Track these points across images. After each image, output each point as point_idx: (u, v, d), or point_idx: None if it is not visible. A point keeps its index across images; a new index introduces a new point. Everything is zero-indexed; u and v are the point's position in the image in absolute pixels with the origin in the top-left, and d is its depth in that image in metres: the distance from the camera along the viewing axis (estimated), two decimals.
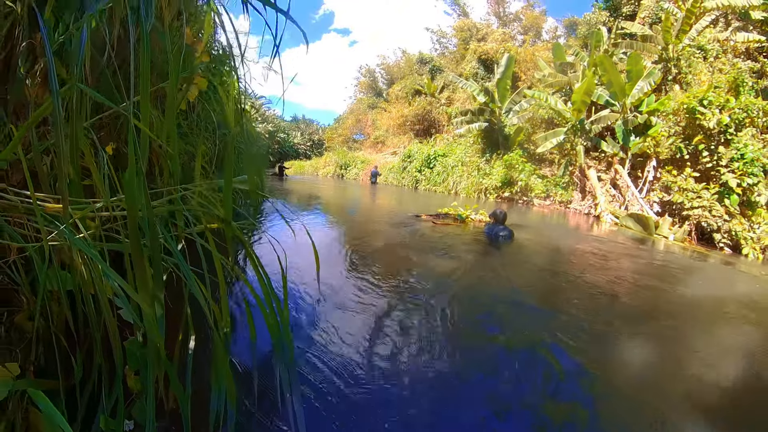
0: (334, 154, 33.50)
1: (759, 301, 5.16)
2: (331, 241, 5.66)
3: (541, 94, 15.66)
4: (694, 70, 12.95)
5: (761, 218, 8.98)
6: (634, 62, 12.92)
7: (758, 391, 2.91)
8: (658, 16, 15.77)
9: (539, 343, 3.17)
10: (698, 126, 10.21)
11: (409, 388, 2.42)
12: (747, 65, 11.62)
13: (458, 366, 2.78)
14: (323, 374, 2.39)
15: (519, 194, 15.82)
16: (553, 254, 6.51)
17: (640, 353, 3.36)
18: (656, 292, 4.98)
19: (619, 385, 2.78)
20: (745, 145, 9.49)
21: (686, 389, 2.79)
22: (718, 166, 9.69)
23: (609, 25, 18.80)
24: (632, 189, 11.68)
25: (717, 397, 2.74)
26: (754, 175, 9.18)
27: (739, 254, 8.68)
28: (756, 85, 11.02)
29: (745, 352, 3.55)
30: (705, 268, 7.17)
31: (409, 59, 32.65)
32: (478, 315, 3.67)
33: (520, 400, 2.48)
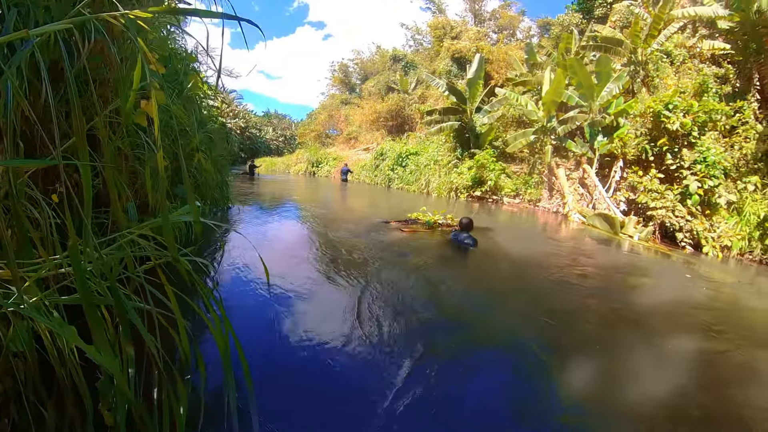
0: (306, 151, 32.91)
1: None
2: (291, 257, 5.24)
3: (512, 94, 15.68)
4: (661, 74, 13.17)
5: (721, 218, 9.19)
6: (604, 65, 13.06)
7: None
8: (628, 20, 16.00)
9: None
10: (663, 129, 10.35)
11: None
12: (712, 71, 11.87)
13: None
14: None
15: (489, 193, 15.78)
16: (513, 264, 6.34)
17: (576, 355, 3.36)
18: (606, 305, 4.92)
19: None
20: (707, 148, 9.67)
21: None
22: (681, 168, 9.85)
23: (581, 27, 19.04)
24: (600, 188, 11.76)
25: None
26: (716, 178, 9.37)
27: (700, 252, 8.86)
28: (720, 90, 11.26)
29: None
30: (663, 272, 7.21)
31: (384, 55, 32.42)
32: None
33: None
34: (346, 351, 2.93)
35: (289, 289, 3.92)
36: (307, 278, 4.39)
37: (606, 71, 13.03)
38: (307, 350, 2.89)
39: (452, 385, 2.69)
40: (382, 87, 29.89)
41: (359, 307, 3.65)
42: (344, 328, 3.26)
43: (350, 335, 3.15)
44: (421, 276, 4.86)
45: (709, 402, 2.92)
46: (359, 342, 3.06)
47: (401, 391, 2.50)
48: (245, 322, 3.25)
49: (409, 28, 33.91)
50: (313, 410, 2.34)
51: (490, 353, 3.25)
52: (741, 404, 2.95)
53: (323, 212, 10.12)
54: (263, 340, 3.02)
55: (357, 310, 3.57)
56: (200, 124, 6.30)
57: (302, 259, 5.17)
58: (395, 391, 2.50)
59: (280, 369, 2.70)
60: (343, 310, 3.57)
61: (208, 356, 2.41)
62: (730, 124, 10.26)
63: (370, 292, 4.03)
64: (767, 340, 4.25)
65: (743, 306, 5.46)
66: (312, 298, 3.82)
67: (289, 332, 3.13)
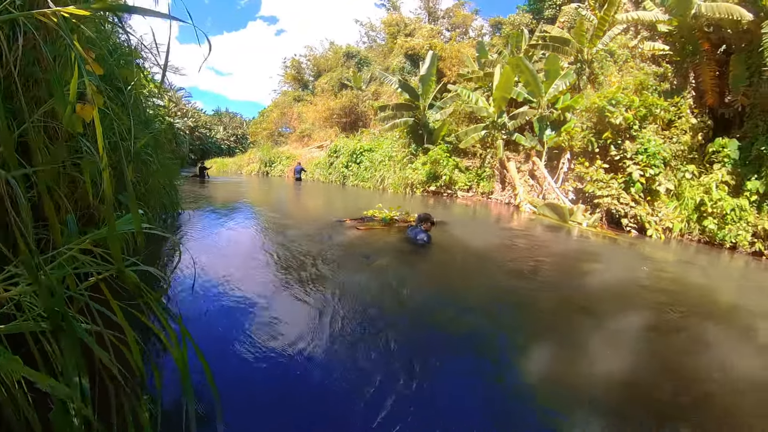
0: (258, 150, 31.89)
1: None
2: (246, 263, 4.83)
3: (464, 91, 15.85)
4: (605, 72, 13.73)
5: (662, 204, 9.69)
6: (552, 63, 13.48)
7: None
8: (576, 21, 16.60)
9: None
10: (608, 123, 10.74)
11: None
12: (652, 69, 12.48)
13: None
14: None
15: (444, 188, 15.85)
16: (470, 256, 6.28)
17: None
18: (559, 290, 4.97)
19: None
20: (648, 140, 10.13)
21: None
22: (624, 159, 10.26)
23: (532, 27, 19.60)
24: (549, 179, 12.04)
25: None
26: (656, 167, 9.83)
27: (644, 236, 9.29)
28: (659, 87, 11.84)
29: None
30: (613, 256, 7.41)
31: (337, 51, 32.01)
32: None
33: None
34: (307, 355, 2.74)
35: (246, 297, 3.63)
36: (263, 284, 4.05)
37: (554, 69, 13.46)
38: (266, 358, 2.68)
39: (415, 381, 2.57)
40: (335, 83, 29.50)
41: (318, 312, 3.41)
42: (302, 332, 3.04)
43: (309, 340, 2.94)
44: (378, 275, 4.65)
45: (663, 371, 2.99)
46: (319, 346, 2.86)
47: (366, 392, 2.39)
48: (202, 331, 3.00)
49: (364, 24, 33.77)
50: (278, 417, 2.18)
51: (450, 347, 3.15)
52: (692, 370, 3.04)
53: (277, 214, 9.66)
54: (221, 349, 2.78)
55: (316, 315, 3.34)
56: (145, 125, 5.79)
57: (257, 264, 4.82)
58: (360, 393, 2.38)
59: (239, 380, 2.48)
60: (300, 315, 3.34)
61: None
62: (668, 118, 10.79)
63: (327, 295, 3.78)
64: (711, 312, 4.39)
65: (688, 282, 5.65)
66: (268, 305, 3.52)
67: (247, 340, 2.89)
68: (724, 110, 10.26)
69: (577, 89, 14.06)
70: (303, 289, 3.92)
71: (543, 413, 2.36)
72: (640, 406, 2.51)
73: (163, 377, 2.28)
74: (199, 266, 4.26)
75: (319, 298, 3.70)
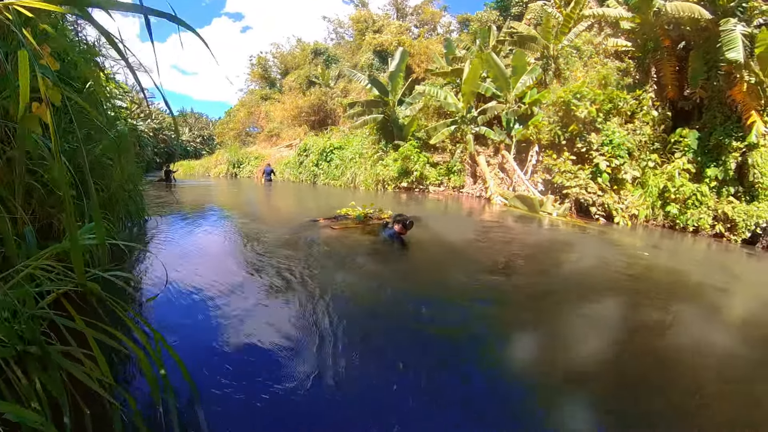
0: (226, 151, 31.08)
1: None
2: (220, 269, 4.47)
3: (432, 88, 15.86)
4: (570, 67, 14.00)
5: (628, 192, 9.99)
6: (519, 59, 13.67)
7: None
8: (542, 18, 16.90)
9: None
10: (573, 116, 10.95)
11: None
12: (615, 65, 12.82)
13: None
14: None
15: (415, 183, 15.82)
16: (446, 251, 6.19)
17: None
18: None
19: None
20: (612, 132, 10.39)
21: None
22: (590, 150, 10.48)
23: (499, 23, 19.84)
24: (518, 172, 12.18)
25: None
26: (621, 157, 10.11)
27: (611, 223, 9.54)
28: (621, 81, 12.16)
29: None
30: (584, 243, 7.52)
31: (305, 48, 31.58)
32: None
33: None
34: (289, 362, 2.57)
35: (221, 304, 3.36)
36: (238, 291, 3.75)
37: (521, 65, 13.65)
38: (247, 367, 2.50)
39: (400, 377, 2.50)
40: (303, 81, 29.08)
41: (298, 317, 3.23)
42: (283, 338, 2.85)
43: (290, 345, 2.77)
44: (356, 275, 4.48)
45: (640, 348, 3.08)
46: (302, 353, 2.69)
47: (354, 395, 2.28)
48: (177, 341, 2.76)
49: (331, 21, 33.50)
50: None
51: (434, 345, 3.02)
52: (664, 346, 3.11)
53: (249, 217, 9.25)
54: (199, 360, 2.56)
55: (296, 321, 3.14)
56: (107, 127, 5.41)
57: (231, 270, 4.48)
58: (348, 396, 2.26)
59: (221, 390, 2.26)
60: (281, 321, 3.13)
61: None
62: (630, 111, 11.09)
63: (306, 299, 3.57)
64: (677, 292, 4.48)
65: (655, 264, 5.77)
66: (244, 312, 3.27)
67: (226, 348, 2.70)
68: (684, 103, 10.63)
69: (544, 84, 14.30)
70: (281, 294, 3.70)
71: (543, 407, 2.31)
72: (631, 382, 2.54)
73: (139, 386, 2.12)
74: (170, 275, 3.96)
75: (297, 303, 3.51)
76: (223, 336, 2.83)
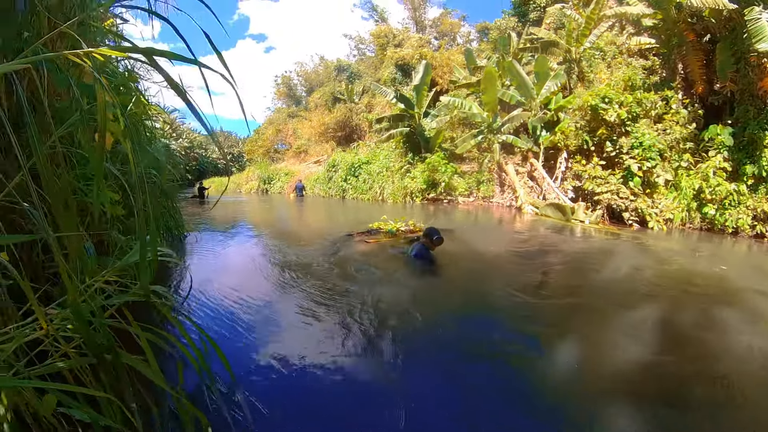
0: (256, 168, 32.00)
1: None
2: (264, 284, 4.73)
3: (456, 100, 16.04)
4: (594, 69, 13.94)
5: (661, 195, 9.84)
6: (541, 65, 13.72)
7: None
8: (561, 22, 16.88)
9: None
10: (601, 120, 10.89)
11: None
12: (640, 64, 12.69)
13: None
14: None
15: (444, 194, 15.97)
16: (486, 264, 6.13)
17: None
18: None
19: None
20: (642, 133, 10.28)
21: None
22: (621, 154, 10.39)
23: (518, 30, 19.89)
24: (548, 179, 12.19)
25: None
26: (652, 159, 9.98)
27: (646, 228, 9.44)
28: (648, 80, 12.02)
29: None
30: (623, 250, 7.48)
31: (328, 66, 32.40)
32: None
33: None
34: (334, 372, 2.68)
35: (268, 318, 3.59)
36: (284, 304, 3.98)
37: (544, 71, 13.70)
38: (298, 380, 2.62)
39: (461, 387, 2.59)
40: (328, 98, 29.76)
41: (343, 331, 3.34)
42: (327, 350, 2.98)
43: (342, 363, 2.84)
44: (390, 288, 4.52)
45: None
46: (346, 366, 2.78)
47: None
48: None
49: (353, 38, 34.25)
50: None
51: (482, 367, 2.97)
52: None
53: (286, 232, 9.60)
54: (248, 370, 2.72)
55: (340, 335, 3.27)
56: (144, 147, 5.83)
57: (276, 283, 4.69)
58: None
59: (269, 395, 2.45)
60: (324, 334, 3.28)
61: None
62: (660, 112, 10.95)
63: (348, 312, 3.68)
64: (719, 297, 4.45)
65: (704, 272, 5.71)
66: (292, 328, 3.43)
67: (273, 360, 2.83)
68: (714, 98, 10.45)
69: (568, 89, 14.28)
70: (324, 306, 3.84)
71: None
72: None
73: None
74: (214, 289, 4.25)
75: (340, 316, 3.63)
76: (268, 351, 2.94)
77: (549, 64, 14.15)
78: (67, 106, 2.30)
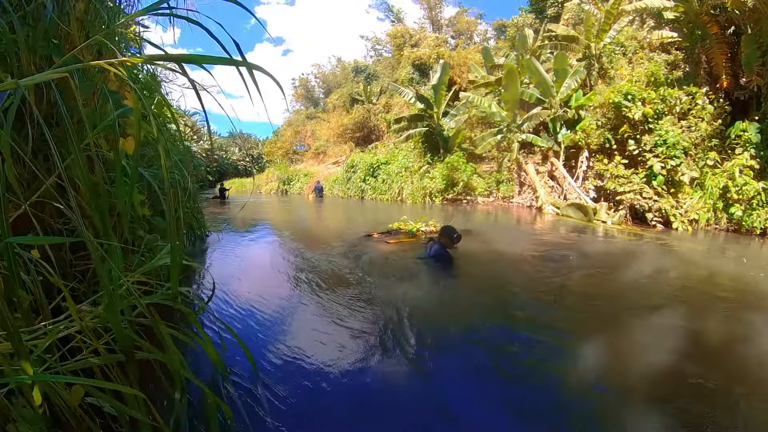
0: (275, 169, 32.48)
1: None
2: (286, 285, 4.74)
3: (475, 97, 16.01)
4: (615, 65, 13.74)
5: (686, 195, 9.64)
6: (561, 62, 13.59)
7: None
8: (580, 17, 16.67)
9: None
10: (623, 117, 10.73)
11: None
12: (662, 58, 12.46)
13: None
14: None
15: (463, 194, 15.97)
16: (509, 266, 6.01)
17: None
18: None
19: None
20: (666, 131, 10.08)
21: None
22: (643, 152, 10.22)
23: (536, 26, 19.70)
24: (569, 179, 12.10)
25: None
26: (677, 157, 9.78)
27: (670, 229, 9.26)
28: (671, 75, 11.79)
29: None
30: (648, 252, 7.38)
31: (345, 67, 32.65)
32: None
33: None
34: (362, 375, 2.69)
35: (292, 319, 3.61)
36: (307, 305, 4.00)
37: (563, 68, 13.56)
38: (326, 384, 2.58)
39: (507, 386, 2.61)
40: (346, 99, 29.97)
41: (370, 334, 3.31)
42: (354, 354, 2.97)
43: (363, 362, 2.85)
44: (411, 290, 4.48)
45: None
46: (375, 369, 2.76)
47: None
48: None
49: (369, 39, 34.42)
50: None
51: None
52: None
53: (306, 232, 9.75)
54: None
55: (365, 337, 3.24)
56: (168, 151, 6.06)
57: (294, 285, 4.71)
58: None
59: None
60: (348, 337, 3.25)
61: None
62: (684, 108, 10.73)
63: (371, 313, 3.72)
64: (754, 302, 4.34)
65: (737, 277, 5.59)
66: (311, 328, 3.42)
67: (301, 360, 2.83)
68: (740, 92, 10.19)
69: (589, 86, 14.10)
70: (347, 307, 3.87)
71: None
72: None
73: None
74: (234, 288, 4.33)
75: (364, 317, 3.64)
76: (294, 351, 2.94)
77: (568, 60, 13.99)
78: (92, 111, 2.35)
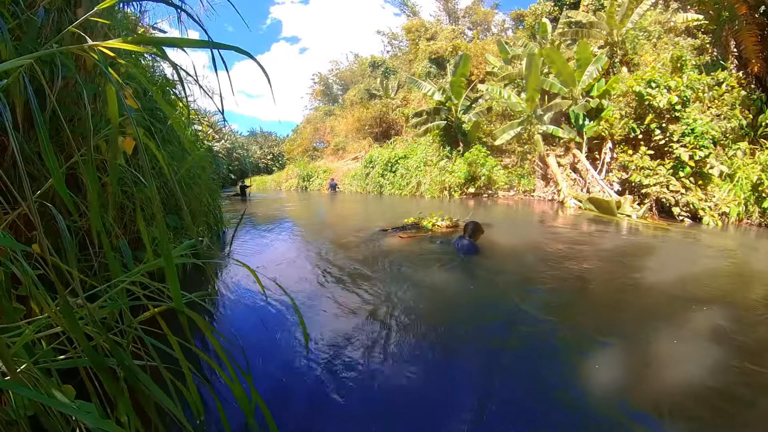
0: (295, 166, 32.81)
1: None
2: (302, 281, 4.72)
3: (494, 89, 15.75)
4: (639, 51, 13.29)
5: (715, 187, 9.24)
6: (583, 50, 13.23)
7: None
8: (600, 3, 16.18)
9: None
10: (648, 106, 10.37)
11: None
12: (688, 43, 11.99)
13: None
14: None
15: (483, 188, 15.78)
16: (532, 262, 5.72)
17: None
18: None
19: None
20: (694, 120, 9.71)
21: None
22: (670, 142, 9.86)
23: (554, 14, 19.22)
24: (592, 171, 11.80)
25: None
26: (705, 147, 9.41)
27: (699, 223, 8.88)
28: (698, 60, 11.34)
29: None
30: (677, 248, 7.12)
31: (362, 63, 32.54)
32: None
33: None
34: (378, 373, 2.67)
35: (311, 318, 3.58)
36: (323, 300, 4.04)
37: (585, 56, 13.19)
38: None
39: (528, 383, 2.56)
40: (363, 95, 29.92)
41: (382, 332, 3.28)
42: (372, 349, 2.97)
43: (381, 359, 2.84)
44: (425, 285, 4.50)
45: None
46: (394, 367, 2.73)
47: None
48: (261, 359, 2.86)
49: (385, 34, 34.16)
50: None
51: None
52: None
53: (322, 226, 9.90)
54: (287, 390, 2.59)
55: (382, 333, 3.24)
56: (187, 150, 6.16)
57: (313, 281, 4.73)
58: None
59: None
60: (363, 332, 3.25)
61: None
62: (713, 96, 10.30)
63: (384, 309, 3.70)
64: None
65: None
66: (335, 331, 3.32)
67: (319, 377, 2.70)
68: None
69: (612, 74, 13.69)
70: (360, 302, 3.93)
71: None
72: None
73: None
74: (252, 289, 4.36)
75: (372, 311, 3.66)
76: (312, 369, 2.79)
77: (590, 48, 13.58)
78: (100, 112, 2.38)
